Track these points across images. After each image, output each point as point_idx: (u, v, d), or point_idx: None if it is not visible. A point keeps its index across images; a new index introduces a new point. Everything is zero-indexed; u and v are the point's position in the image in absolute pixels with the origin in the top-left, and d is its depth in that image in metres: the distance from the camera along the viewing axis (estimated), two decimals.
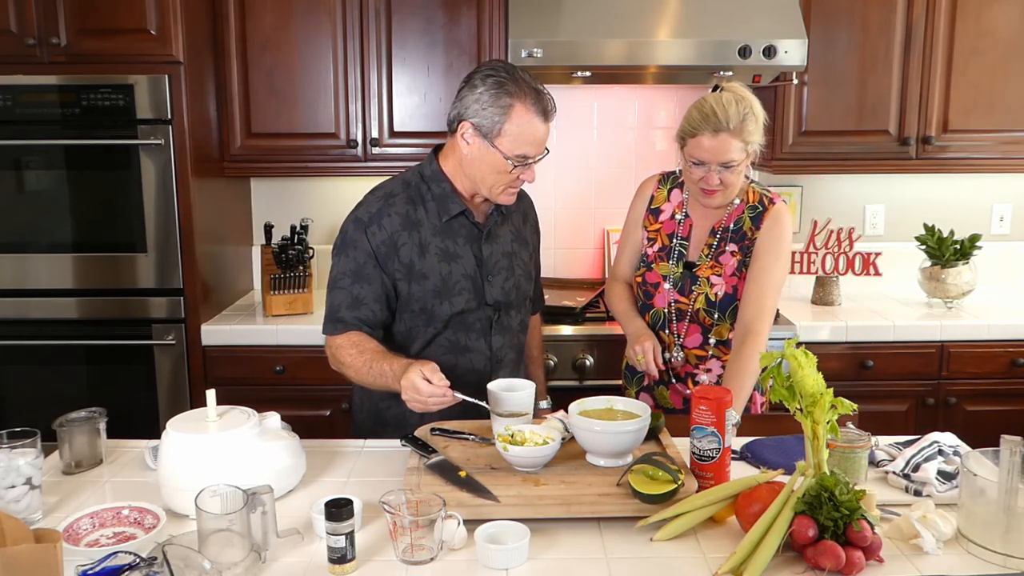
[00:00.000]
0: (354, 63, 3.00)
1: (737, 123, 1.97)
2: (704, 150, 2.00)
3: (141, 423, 2.63)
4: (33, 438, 1.52)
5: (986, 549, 1.34)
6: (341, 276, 1.86)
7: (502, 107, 1.76)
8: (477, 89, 1.78)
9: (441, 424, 1.81)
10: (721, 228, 2.13)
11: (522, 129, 1.77)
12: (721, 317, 2.11)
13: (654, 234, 2.21)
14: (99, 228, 2.79)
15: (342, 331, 1.85)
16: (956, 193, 3.45)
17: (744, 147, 2.00)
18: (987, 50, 3.02)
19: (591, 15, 2.84)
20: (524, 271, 2.01)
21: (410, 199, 1.89)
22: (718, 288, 2.10)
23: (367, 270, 1.85)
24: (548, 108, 1.80)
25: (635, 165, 3.42)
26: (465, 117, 1.80)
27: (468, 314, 1.90)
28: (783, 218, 2.09)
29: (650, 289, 2.19)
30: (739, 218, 2.12)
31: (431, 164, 1.91)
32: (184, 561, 1.17)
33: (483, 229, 1.92)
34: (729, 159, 1.99)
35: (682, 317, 2.14)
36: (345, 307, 1.85)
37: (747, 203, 2.13)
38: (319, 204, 3.36)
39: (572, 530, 1.43)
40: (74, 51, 2.70)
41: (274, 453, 1.55)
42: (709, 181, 2.02)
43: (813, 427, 1.40)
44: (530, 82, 1.79)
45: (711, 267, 2.12)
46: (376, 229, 1.85)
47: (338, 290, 1.86)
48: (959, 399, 2.92)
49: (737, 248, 2.11)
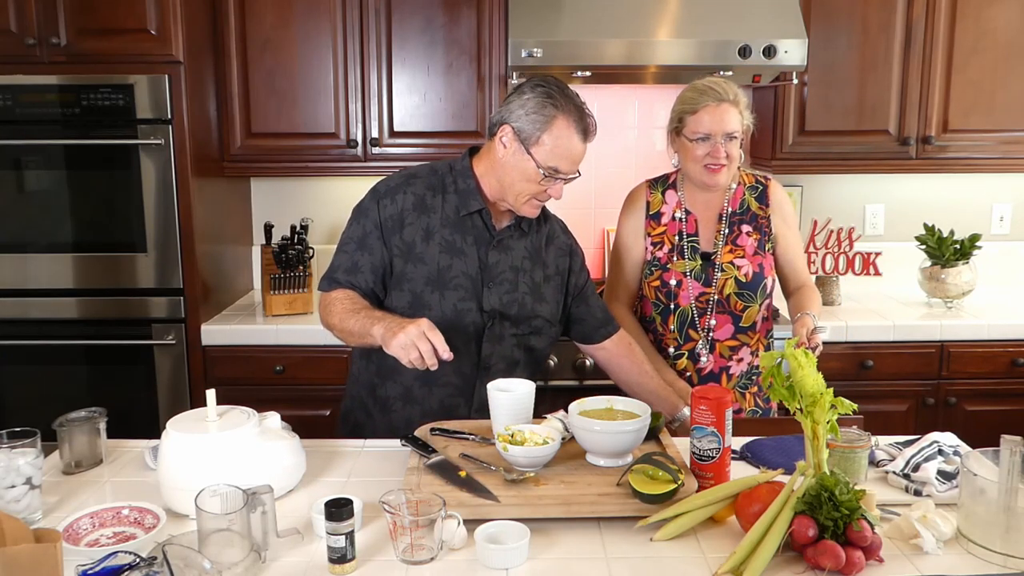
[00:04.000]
0: (354, 63, 3.00)
1: (734, 96, 2.06)
2: (708, 122, 2.04)
3: (141, 423, 2.63)
4: (33, 438, 1.52)
5: (986, 549, 1.34)
6: (348, 240, 1.93)
7: (545, 116, 1.80)
8: (524, 95, 1.83)
9: (441, 424, 1.81)
10: (727, 213, 2.18)
11: (560, 142, 1.80)
12: (752, 297, 2.14)
13: (659, 238, 2.21)
14: (99, 228, 2.79)
15: (334, 288, 1.90)
16: (956, 193, 3.45)
17: (741, 120, 2.07)
18: (987, 50, 3.02)
19: (591, 15, 2.84)
20: (532, 290, 1.96)
21: (431, 185, 1.93)
22: (745, 269, 2.15)
23: (370, 240, 1.90)
24: (589, 128, 1.84)
25: (635, 165, 3.42)
26: (507, 120, 1.83)
27: (463, 315, 1.89)
28: (783, 192, 2.26)
29: (672, 289, 2.17)
30: (743, 200, 2.19)
31: (463, 160, 1.95)
32: (184, 561, 1.17)
33: (495, 236, 1.92)
34: (733, 129, 2.05)
35: (709, 310, 2.15)
36: (343, 270, 1.91)
37: (745, 185, 2.21)
38: (319, 204, 3.36)
39: (572, 530, 1.43)
40: (74, 51, 2.70)
41: (274, 453, 1.55)
42: (717, 154, 2.05)
43: (813, 427, 1.40)
44: (576, 101, 1.83)
45: (730, 251, 2.16)
46: (388, 202, 1.90)
47: (342, 252, 1.93)
48: (959, 399, 2.92)
49: (752, 228, 2.18)
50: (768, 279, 2.18)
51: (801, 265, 2.26)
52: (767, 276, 2.17)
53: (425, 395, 1.92)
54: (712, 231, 2.18)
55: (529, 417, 1.72)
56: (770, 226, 2.20)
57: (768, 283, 2.18)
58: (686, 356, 2.19)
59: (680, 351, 2.20)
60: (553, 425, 1.67)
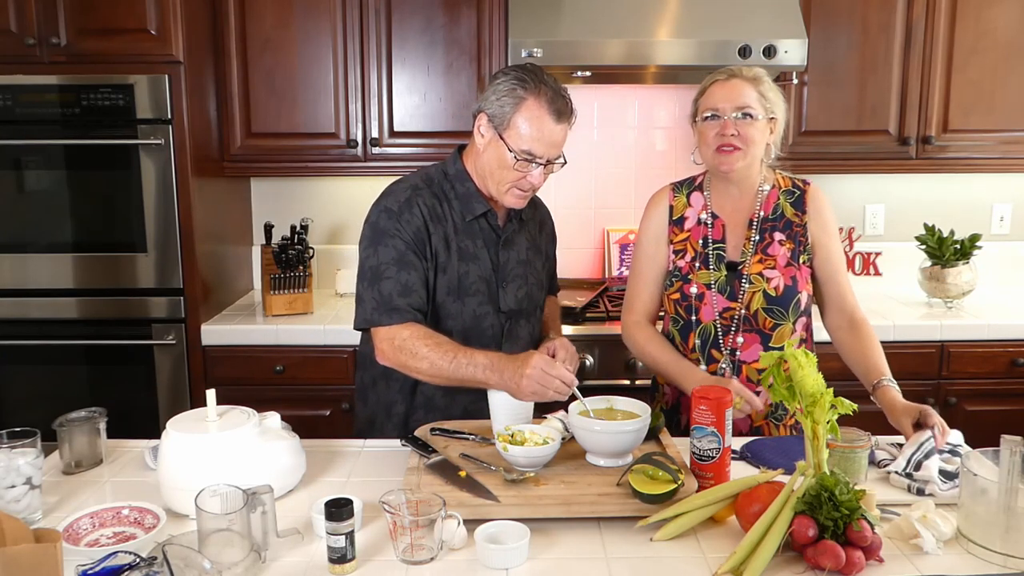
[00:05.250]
0: (354, 63, 3.00)
1: (752, 74, 1.91)
2: (717, 98, 1.89)
3: (141, 423, 2.62)
4: (33, 438, 1.52)
5: (986, 549, 1.34)
6: (385, 266, 1.81)
7: (515, 99, 1.76)
8: (497, 81, 1.80)
9: (441, 424, 1.81)
10: (759, 219, 1.96)
11: (531, 124, 1.75)
12: (782, 314, 1.91)
13: (682, 245, 2.00)
14: (99, 228, 2.79)
15: (400, 321, 1.79)
16: (956, 193, 3.45)
17: (761, 100, 1.88)
18: (987, 50, 3.02)
19: (591, 15, 2.84)
20: (537, 281, 1.99)
21: (435, 194, 1.88)
22: (776, 281, 1.92)
23: (409, 257, 1.81)
24: (562, 109, 1.77)
25: (635, 165, 3.42)
26: (483, 108, 1.81)
27: (482, 319, 1.89)
28: (824, 198, 2.00)
29: (693, 303, 1.95)
30: (776, 204, 1.97)
31: (455, 163, 1.91)
32: (184, 561, 1.17)
33: (501, 234, 1.91)
34: (744, 103, 1.87)
35: (735, 328, 1.93)
36: (397, 294, 1.79)
37: (780, 188, 1.99)
38: (319, 204, 3.37)
39: (572, 530, 1.43)
40: (74, 51, 2.70)
41: (274, 453, 1.55)
42: (725, 130, 1.87)
43: (813, 427, 1.40)
44: (551, 84, 1.78)
45: (760, 260, 1.94)
46: (409, 217, 1.83)
47: (386, 280, 1.80)
48: (959, 399, 2.91)
49: (786, 237, 1.95)
50: (802, 294, 1.93)
51: (845, 283, 1.98)
52: (801, 290, 1.92)
53: (448, 403, 1.90)
54: (740, 238, 1.97)
55: (529, 417, 1.72)
56: (806, 235, 1.95)
57: (803, 298, 1.93)
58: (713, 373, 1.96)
59: None
60: (553, 425, 1.67)
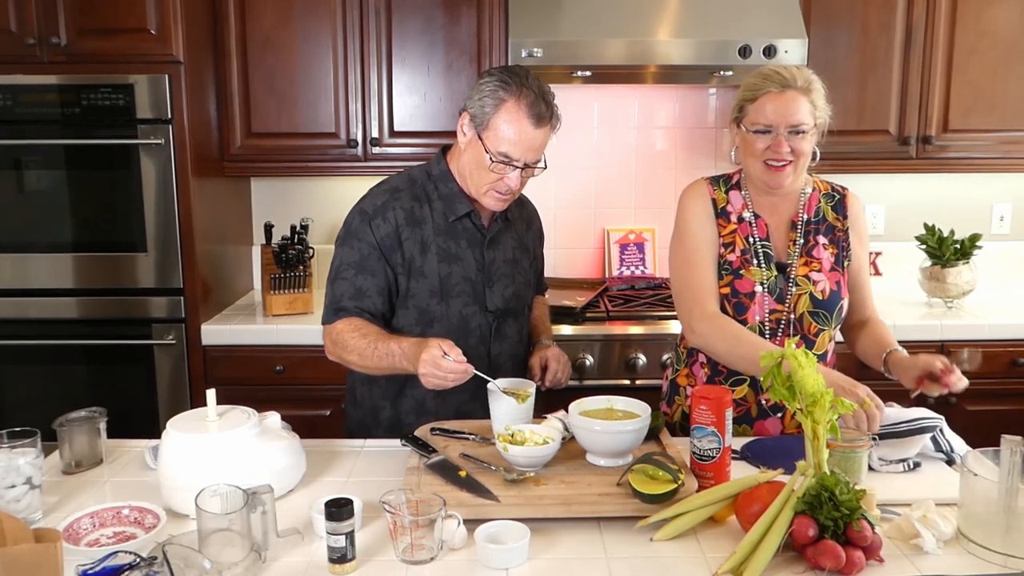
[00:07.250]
0: (354, 63, 3.00)
1: (804, 82, 1.79)
2: (770, 112, 1.77)
3: (141, 423, 2.63)
4: (33, 438, 1.52)
5: (986, 549, 1.33)
6: (345, 267, 1.85)
7: (496, 100, 1.75)
8: (482, 80, 1.79)
9: (441, 424, 1.81)
10: (801, 221, 1.89)
11: (508, 127, 1.74)
12: (827, 319, 1.87)
13: (730, 238, 1.88)
14: (99, 228, 2.79)
15: (342, 317, 1.84)
16: (956, 193, 3.45)
17: (813, 111, 1.79)
18: (987, 50, 3.02)
19: (591, 15, 2.84)
20: (524, 279, 1.99)
21: (415, 196, 1.88)
22: (822, 285, 1.86)
23: (371, 262, 1.84)
24: (542, 114, 1.75)
25: (635, 165, 3.42)
26: (466, 107, 1.81)
27: (469, 319, 1.89)
28: (861, 205, 1.97)
29: (743, 300, 1.85)
30: (818, 207, 1.91)
31: (439, 164, 1.91)
32: (184, 561, 1.17)
33: (486, 234, 1.91)
34: (799, 121, 1.77)
35: (782, 331, 1.86)
36: (347, 297, 1.84)
37: (820, 191, 1.93)
38: (319, 204, 3.36)
39: (572, 530, 1.43)
40: (74, 51, 2.70)
41: (274, 453, 1.55)
42: (779, 149, 1.77)
43: (813, 427, 1.40)
44: (535, 87, 1.76)
45: (805, 263, 1.87)
46: (381, 222, 1.84)
47: (341, 280, 1.85)
48: (959, 399, 2.90)
49: (828, 241, 1.89)
50: (844, 300, 1.88)
51: (869, 294, 1.96)
52: (843, 296, 1.88)
53: (439, 405, 1.90)
54: (785, 239, 1.89)
55: (529, 417, 1.72)
56: (848, 240, 1.90)
57: (844, 305, 1.89)
58: (747, 383, 1.88)
59: (741, 376, 1.88)
60: (553, 425, 1.67)
